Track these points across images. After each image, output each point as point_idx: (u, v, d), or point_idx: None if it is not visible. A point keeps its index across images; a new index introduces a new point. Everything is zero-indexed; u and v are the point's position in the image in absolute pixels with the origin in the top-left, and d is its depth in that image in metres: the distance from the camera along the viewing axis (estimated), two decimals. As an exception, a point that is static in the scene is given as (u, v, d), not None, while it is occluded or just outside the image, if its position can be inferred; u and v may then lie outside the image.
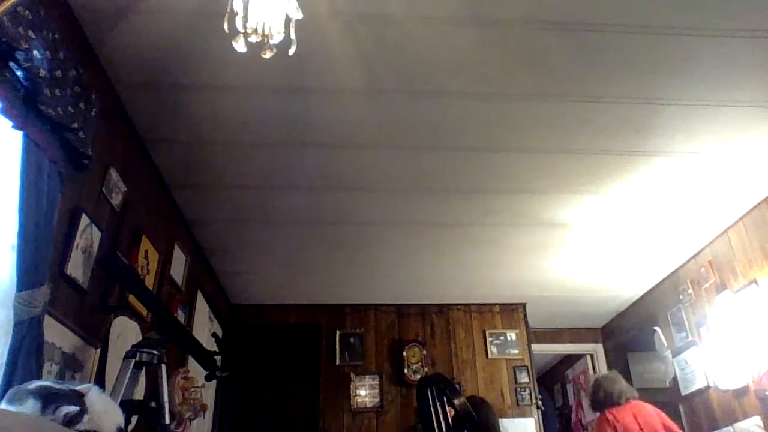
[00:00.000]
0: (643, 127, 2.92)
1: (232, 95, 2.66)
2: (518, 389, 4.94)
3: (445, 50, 2.43)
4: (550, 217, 3.77)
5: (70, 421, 1.27)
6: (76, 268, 2.25)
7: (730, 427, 3.88)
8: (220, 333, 4.64)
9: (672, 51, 2.45)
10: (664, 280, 4.76)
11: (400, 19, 2.27)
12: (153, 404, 2.37)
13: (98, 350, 2.45)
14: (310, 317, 5.12)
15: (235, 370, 4.48)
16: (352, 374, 4.90)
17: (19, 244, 1.76)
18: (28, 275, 1.77)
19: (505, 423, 4.78)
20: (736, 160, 3.20)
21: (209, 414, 4.30)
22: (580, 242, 4.11)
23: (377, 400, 4.82)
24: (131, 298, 2.73)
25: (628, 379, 5.34)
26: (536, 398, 4.93)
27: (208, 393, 4.04)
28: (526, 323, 5.24)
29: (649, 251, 4.27)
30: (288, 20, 1.77)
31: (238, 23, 1.69)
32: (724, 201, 3.62)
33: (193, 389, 3.22)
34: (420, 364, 4.93)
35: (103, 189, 2.51)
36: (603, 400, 3.51)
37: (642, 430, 3.28)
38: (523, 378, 4.98)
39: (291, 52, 1.80)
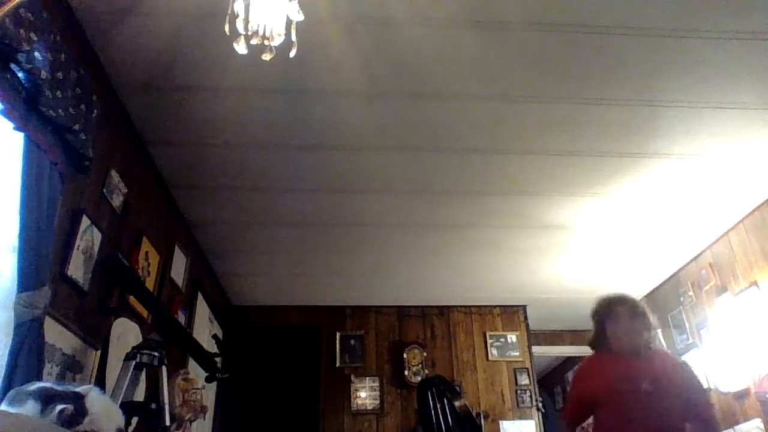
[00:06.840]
0: (644, 129, 2.92)
1: (233, 97, 2.66)
2: (519, 391, 4.93)
3: (445, 52, 2.43)
4: (550, 219, 3.76)
5: (68, 421, 1.27)
6: (77, 269, 2.25)
7: (730, 430, 3.87)
8: (220, 334, 4.64)
9: (673, 53, 2.45)
10: (664, 282, 4.75)
11: (400, 21, 2.27)
12: (153, 406, 2.38)
13: (99, 352, 2.45)
14: (310, 319, 5.12)
15: (235, 371, 4.48)
16: (352, 376, 4.90)
17: (19, 246, 1.76)
18: (28, 277, 1.77)
19: (505, 425, 4.79)
20: (736, 162, 3.20)
21: (209, 415, 4.30)
22: (580, 244, 4.11)
23: (377, 402, 4.82)
24: (132, 299, 2.73)
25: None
26: (537, 400, 4.93)
27: (208, 394, 4.04)
28: (527, 325, 5.23)
29: (649, 253, 4.26)
30: (289, 22, 1.77)
31: (239, 25, 1.69)
32: (724, 203, 3.61)
33: (193, 391, 3.22)
34: (420, 365, 4.93)
35: (104, 190, 2.51)
36: None
37: None
38: (524, 380, 4.98)
39: (291, 54, 1.80)
